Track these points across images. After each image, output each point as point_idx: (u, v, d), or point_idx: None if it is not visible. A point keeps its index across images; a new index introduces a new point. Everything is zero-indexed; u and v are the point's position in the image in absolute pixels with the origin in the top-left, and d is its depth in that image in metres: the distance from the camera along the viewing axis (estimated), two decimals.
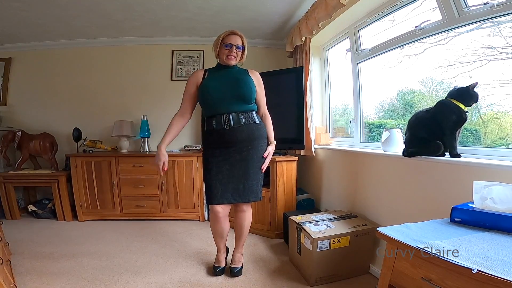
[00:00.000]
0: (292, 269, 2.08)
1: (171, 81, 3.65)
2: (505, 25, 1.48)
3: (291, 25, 3.16)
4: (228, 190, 1.84)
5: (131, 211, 3.21)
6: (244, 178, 1.83)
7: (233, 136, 1.80)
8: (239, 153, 1.82)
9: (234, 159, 1.83)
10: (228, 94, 1.79)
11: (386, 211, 1.94)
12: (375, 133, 2.46)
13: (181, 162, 3.18)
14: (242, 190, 1.85)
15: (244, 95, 1.80)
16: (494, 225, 1.02)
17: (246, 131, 1.80)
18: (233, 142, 1.81)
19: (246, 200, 1.86)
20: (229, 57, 1.81)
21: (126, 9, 2.79)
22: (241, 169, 1.83)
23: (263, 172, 1.90)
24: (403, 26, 2.03)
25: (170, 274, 2.00)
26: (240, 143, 1.81)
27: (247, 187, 1.84)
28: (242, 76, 1.85)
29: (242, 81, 1.82)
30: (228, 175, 1.83)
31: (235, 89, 1.79)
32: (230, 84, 1.81)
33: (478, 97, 1.45)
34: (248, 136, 1.81)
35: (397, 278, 1.01)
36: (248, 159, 1.83)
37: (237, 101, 1.80)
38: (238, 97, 1.80)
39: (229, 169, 1.83)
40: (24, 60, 3.58)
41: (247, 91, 1.81)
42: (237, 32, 1.83)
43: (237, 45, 1.81)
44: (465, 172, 1.38)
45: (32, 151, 3.27)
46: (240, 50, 1.83)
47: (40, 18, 2.89)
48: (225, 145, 1.82)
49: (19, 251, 2.33)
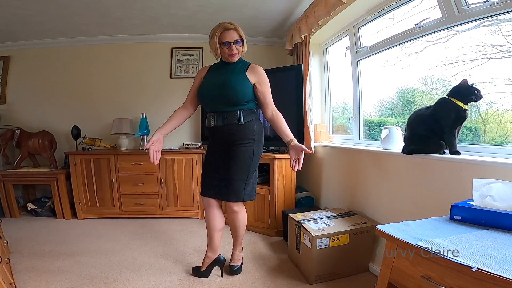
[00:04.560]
0: (292, 267, 2.08)
1: (170, 79, 3.64)
2: (505, 24, 1.48)
3: (291, 23, 3.14)
4: (212, 186, 1.87)
5: (130, 209, 3.21)
6: (227, 177, 1.82)
7: (217, 135, 1.84)
8: (224, 152, 1.84)
9: (220, 157, 1.85)
10: (215, 93, 1.77)
11: (385, 209, 1.94)
12: (374, 131, 2.46)
13: (181, 160, 3.17)
14: (224, 188, 1.84)
15: (225, 96, 1.74)
16: (494, 223, 1.02)
17: (226, 131, 1.79)
18: (219, 140, 1.85)
19: (226, 198, 1.85)
20: (231, 56, 1.74)
21: (125, 7, 2.77)
22: (225, 168, 1.83)
23: (294, 170, 1.79)
24: (403, 24, 2.02)
25: (170, 272, 2.01)
26: (223, 143, 1.83)
27: (229, 186, 1.82)
28: (234, 75, 1.77)
29: (229, 82, 1.74)
30: (214, 170, 1.87)
31: (220, 89, 1.76)
32: (218, 84, 1.77)
33: (477, 93, 1.42)
34: (228, 136, 1.80)
35: (397, 276, 1.01)
36: (233, 159, 1.80)
37: (222, 101, 1.77)
38: (222, 98, 1.76)
39: (215, 165, 1.87)
40: (23, 58, 3.56)
41: (230, 93, 1.73)
42: (229, 26, 1.69)
43: (235, 41, 1.71)
44: (464, 169, 1.38)
45: (31, 149, 3.26)
46: (240, 44, 1.74)
47: (39, 16, 2.88)
48: (214, 142, 1.89)
49: (18, 249, 2.32)
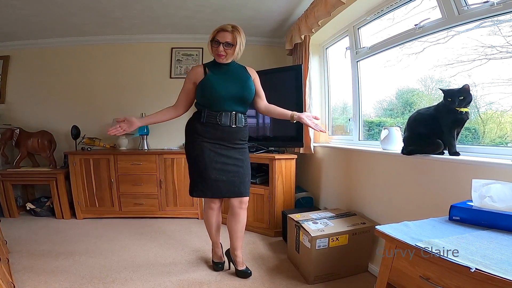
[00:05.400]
0: (291, 267, 2.08)
1: (170, 79, 3.64)
2: (504, 24, 1.47)
3: (291, 23, 3.14)
4: (217, 186, 1.85)
5: (129, 209, 3.20)
6: (238, 175, 1.87)
7: (218, 134, 1.82)
8: (225, 152, 1.85)
9: (222, 157, 1.84)
10: (232, 93, 1.79)
11: (385, 209, 1.94)
12: (374, 131, 2.46)
13: (180, 160, 3.17)
14: (235, 186, 1.86)
15: (244, 96, 1.82)
16: (493, 223, 1.02)
17: (232, 131, 1.84)
18: (219, 140, 1.83)
19: (240, 195, 1.89)
20: (217, 56, 1.76)
21: (125, 6, 2.77)
22: (233, 167, 1.85)
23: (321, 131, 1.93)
24: (403, 25, 2.02)
25: (169, 272, 2.00)
26: (223, 143, 1.84)
27: (242, 183, 1.89)
28: (244, 77, 1.86)
29: (247, 82, 1.84)
30: (218, 170, 1.83)
31: (238, 89, 1.80)
32: (236, 83, 1.81)
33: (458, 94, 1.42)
34: (231, 136, 1.85)
35: (396, 277, 1.01)
36: (240, 158, 1.88)
37: (237, 101, 1.82)
38: (240, 97, 1.81)
39: (218, 164, 1.83)
40: (22, 58, 3.55)
41: (248, 93, 1.84)
42: (227, 27, 1.71)
43: (226, 43, 1.71)
44: (464, 170, 1.38)
45: (30, 149, 3.26)
46: (230, 47, 1.73)
47: (38, 16, 2.87)
48: (210, 140, 1.83)
49: (17, 249, 2.32)
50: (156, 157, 3.17)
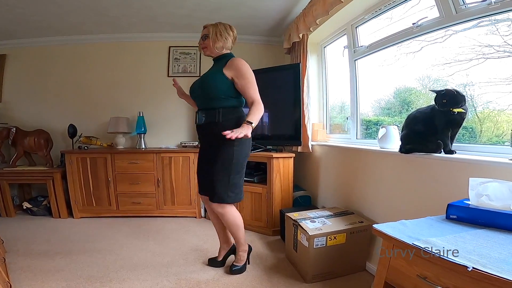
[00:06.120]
0: (289, 266, 2.08)
1: (168, 78, 3.62)
2: (502, 24, 1.48)
3: (289, 22, 3.14)
4: (203, 184, 1.93)
5: (127, 208, 3.19)
6: (209, 177, 1.84)
7: (202, 132, 1.90)
8: (207, 151, 1.88)
9: (205, 155, 1.91)
10: (197, 91, 1.87)
11: (382, 208, 1.95)
12: (372, 130, 2.47)
13: (178, 159, 3.16)
14: (209, 188, 1.85)
15: (203, 92, 1.82)
16: (490, 222, 1.02)
17: (207, 129, 1.84)
18: (203, 138, 1.91)
19: (210, 199, 1.86)
20: (202, 49, 1.90)
21: (123, 5, 2.76)
22: (208, 167, 1.85)
23: (228, 137, 1.54)
24: (401, 24, 2.02)
25: (167, 271, 2.00)
26: (206, 142, 1.89)
27: (211, 186, 1.83)
28: (212, 71, 1.87)
29: (207, 78, 1.84)
30: (202, 168, 1.91)
31: (200, 86, 1.85)
32: (199, 81, 1.88)
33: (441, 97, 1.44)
34: (209, 135, 1.85)
35: (393, 276, 1.01)
36: (214, 159, 1.80)
37: (202, 98, 1.85)
38: (201, 94, 1.84)
39: (203, 163, 1.92)
40: (19, 57, 3.53)
41: (207, 89, 1.80)
42: (207, 24, 1.89)
43: (203, 35, 1.87)
44: (461, 169, 1.38)
45: (27, 148, 3.25)
46: (206, 39, 1.85)
47: (35, 14, 2.85)
48: (200, 140, 1.96)
49: (14, 249, 2.31)
50: (153, 155, 3.16)
